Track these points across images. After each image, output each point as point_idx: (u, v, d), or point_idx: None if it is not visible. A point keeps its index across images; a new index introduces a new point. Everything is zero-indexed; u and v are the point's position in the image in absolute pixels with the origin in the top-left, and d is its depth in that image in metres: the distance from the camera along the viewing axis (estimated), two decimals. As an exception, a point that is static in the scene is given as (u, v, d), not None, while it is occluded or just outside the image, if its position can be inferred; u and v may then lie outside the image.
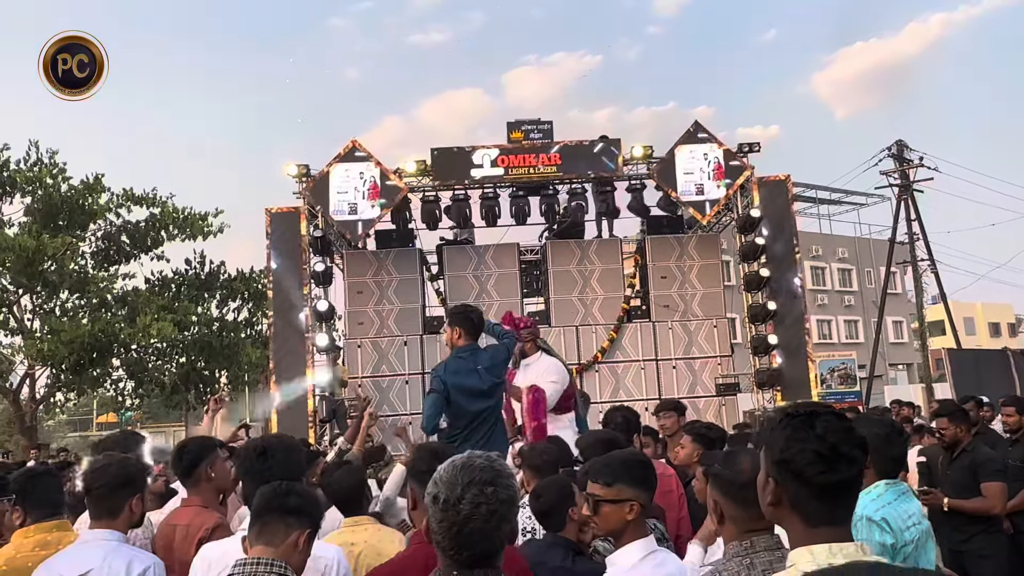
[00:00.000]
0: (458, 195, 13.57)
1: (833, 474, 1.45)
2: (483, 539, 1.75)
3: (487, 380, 4.92)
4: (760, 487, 1.56)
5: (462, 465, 1.81)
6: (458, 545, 1.76)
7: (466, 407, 4.88)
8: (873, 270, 39.79)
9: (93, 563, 2.57)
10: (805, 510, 1.47)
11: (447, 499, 1.76)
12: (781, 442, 1.49)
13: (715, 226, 14.54)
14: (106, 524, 2.71)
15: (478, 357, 4.97)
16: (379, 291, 13.74)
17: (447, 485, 1.78)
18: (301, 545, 2.25)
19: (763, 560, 2.03)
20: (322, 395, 12.78)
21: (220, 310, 21.44)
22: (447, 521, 1.75)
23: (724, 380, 13.51)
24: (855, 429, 1.51)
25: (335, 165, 13.10)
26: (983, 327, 46.74)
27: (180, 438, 24.46)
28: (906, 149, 23.72)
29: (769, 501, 1.51)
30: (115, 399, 22.72)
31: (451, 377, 4.91)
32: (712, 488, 2.18)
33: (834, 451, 1.46)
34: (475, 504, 1.74)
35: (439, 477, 1.82)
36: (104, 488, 2.70)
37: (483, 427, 4.88)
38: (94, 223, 19.47)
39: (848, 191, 36.72)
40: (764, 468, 1.55)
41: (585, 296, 13.91)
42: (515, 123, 13.74)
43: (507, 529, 1.79)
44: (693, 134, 13.55)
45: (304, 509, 2.31)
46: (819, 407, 1.54)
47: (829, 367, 24.20)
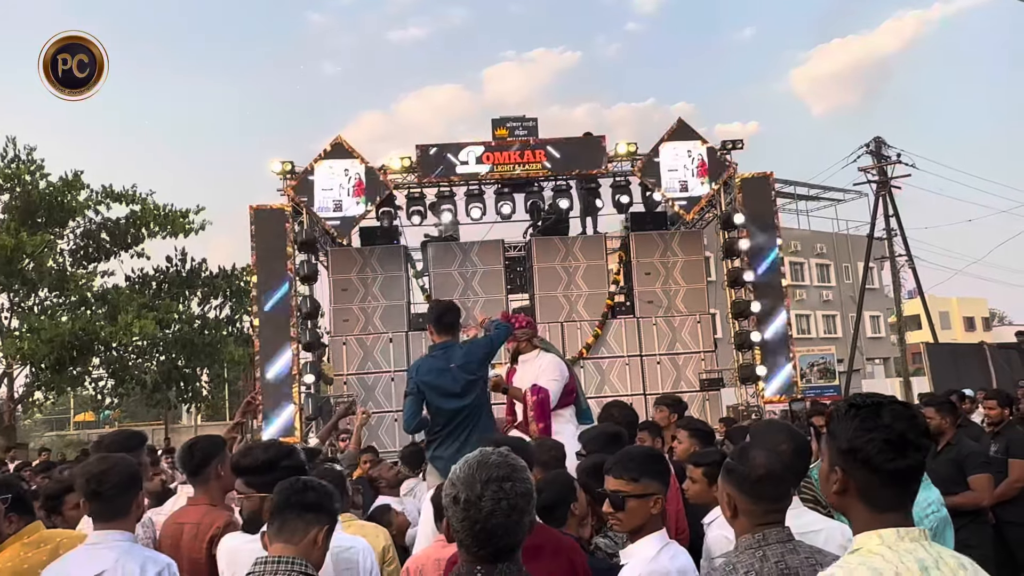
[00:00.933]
0: (443, 192, 13.58)
1: (902, 460, 1.52)
2: (506, 533, 1.79)
3: (460, 378, 4.81)
4: (823, 477, 1.62)
5: (477, 463, 1.84)
6: (481, 541, 1.79)
7: (441, 406, 4.83)
8: (851, 266, 40.21)
9: (106, 564, 2.56)
10: (873, 497, 1.54)
11: (467, 498, 1.79)
12: (850, 432, 1.55)
13: (698, 223, 14.64)
14: (115, 525, 2.69)
15: (451, 354, 4.88)
16: (364, 288, 13.72)
17: (465, 484, 1.81)
18: (320, 541, 2.27)
19: (775, 552, 2.08)
20: (307, 393, 12.75)
21: (202, 308, 21.30)
22: (469, 519, 1.79)
23: (708, 375, 13.63)
24: (919, 417, 1.58)
25: (320, 162, 13.06)
26: (958, 321, 47.38)
27: (160, 436, 24.27)
28: (884, 146, 24.03)
29: (835, 490, 1.57)
30: (94, 398, 22.50)
31: (423, 376, 4.89)
32: (725, 482, 2.23)
33: (902, 439, 1.53)
34: (496, 500, 1.78)
35: (456, 477, 1.85)
36: (115, 489, 2.68)
37: (463, 426, 4.79)
38: (73, 220, 19.28)
39: (827, 187, 37.05)
40: (827, 458, 1.61)
41: (570, 292, 13.97)
42: (500, 120, 13.76)
43: (527, 521, 1.82)
44: (678, 131, 13.65)
45: (323, 505, 2.32)
46: (883, 398, 1.61)
47: (808, 362, 24.55)
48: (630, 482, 2.56)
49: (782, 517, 2.15)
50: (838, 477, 1.57)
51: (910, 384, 23.81)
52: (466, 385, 4.82)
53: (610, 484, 2.60)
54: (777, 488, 2.17)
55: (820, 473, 1.64)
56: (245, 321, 20.58)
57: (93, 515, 2.75)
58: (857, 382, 28.62)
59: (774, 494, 2.13)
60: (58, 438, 35.69)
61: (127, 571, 2.57)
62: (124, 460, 2.84)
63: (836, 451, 1.58)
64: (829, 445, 1.61)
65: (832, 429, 1.61)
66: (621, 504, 2.55)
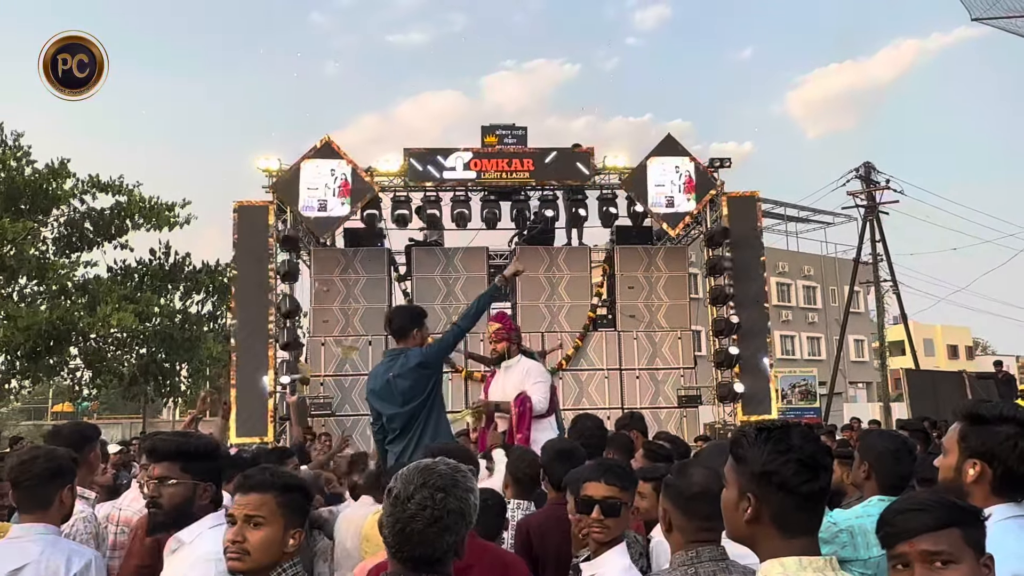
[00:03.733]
0: (429, 196, 13.54)
1: (815, 482, 1.50)
2: (422, 542, 1.75)
3: (396, 387, 4.78)
4: (731, 506, 1.56)
5: (424, 467, 1.83)
6: (399, 543, 1.77)
7: (382, 412, 4.87)
8: (837, 288, 40.34)
9: (30, 558, 2.49)
10: (785, 522, 1.50)
11: (398, 495, 1.78)
12: (764, 456, 1.51)
13: (684, 238, 14.66)
14: (38, 517, 2.62)
15: (395, 363, 4.86)
16: (346, 289, 13.66)
17: (403, 481, 1.80)
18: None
19: (707, 570, 2.05)
20: (282, 392, 12.66)
21: (183, 302, 21.08)
22: (393, 516, 1.77)
23: (686, 392, 13.61)
24: (820, 439, 1.57)
25: (306, 161, 13.01)
26: (942, 349, 47.60)
27: (138, 430, 24.06)
28: (873, 171, 24.13)
29: (747, 519, 1.52)
30: (71, 388, 22.26)
31: (369, 382, 5.00)
32: (663, 496, 2.20)
33: (813, 460, 1.51)
34: (422, 506, 1.75)
35: (400, 473, 1.84)
36: (36, 480, 2.62)
37: (407, 430, 4.76)
38: (57, 209, 19.05)
39: (816, 210, 37.23)
40: (736, 486, 1.55)
41: (552, 303, 13.94)
42: (489, 127, 13.75)
43: (451, 540, 1.78)
44: (665, 147, 13.68)
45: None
46: (789, 421, 1.60)
47: (790, 383, 24.60)
48: (623, 491, 2.55)
49: (717, 536, 2.11)
50: (750, 504, 1.51)
51: (890, 409, 23.85)
52: (403, 395, 4.78)
53: (600, 491, 2.55)
54: (711, 506, 2.12)
55: (725, 503, 1.58)
56: (227, 317, 20.41)
57: (18, 505, 2.69)
58: (839, 405, 28.66)
59: (708, 512, 2.09)
60: (35, 428, 35.37)
61: (52, 564, 2.50)
62: (51, 452, 2.76)
63: (748, 476, 1.53)
64: (736, 472, 1.56)
65: (741, 455, 1.55)
66: (617, 511, 2.52)
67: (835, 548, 2.67)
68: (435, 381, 4.96)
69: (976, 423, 2.00)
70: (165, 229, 19.55)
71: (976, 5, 13.59)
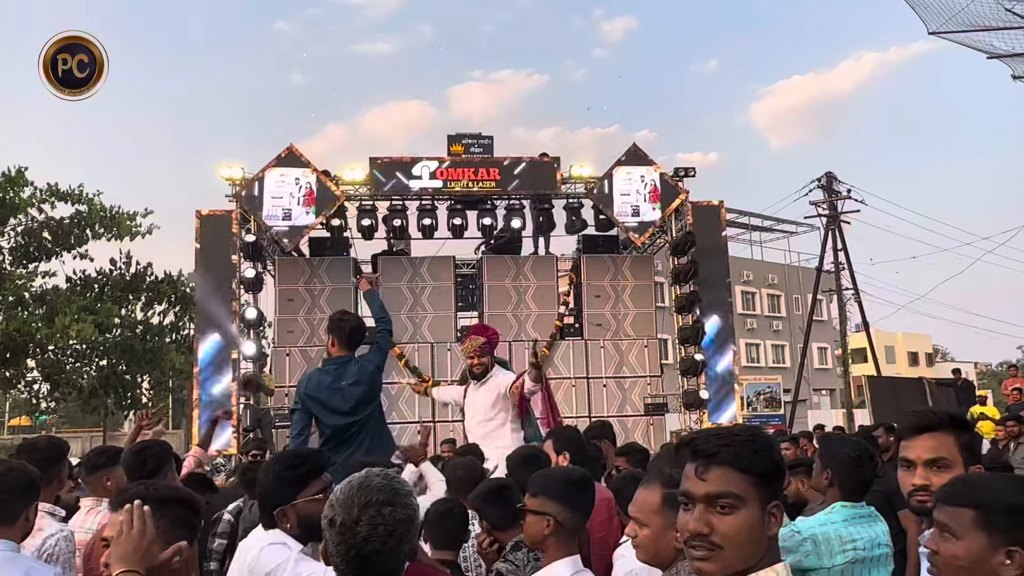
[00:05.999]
0: (395, 206, 13.48)
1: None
2: (382, 560, 1.71)
3: (351, 396, 4.74)
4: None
5: (359, 485, 1.77)
6: (356, 568, 1.72)
7: (327, 422, 4.77)
8: (801, 297, 40.89)
9: (-16, 574, 2.43)
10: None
11: (343, 521, 1.72)
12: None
13: (649, 247, 14.74)
14: (1, 534, 2.56)
15: (345, 371, 4.80)
16: (311, 299, 13.51)
17: (343, 507, 1.74)
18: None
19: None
20: (247, 403, 12.48)
21: (145, 313, 20.78)
22: (344, 544, 1.71)
23: (653, 400, 13.66)
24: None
25: (270, 169, 12.88)
26: (903, 356, 48.40)
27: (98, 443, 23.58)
28: (835, 181, 24.53)
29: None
30: (29, 402, 21.79)
31: (310, 392, 4.82)
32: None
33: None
34: (372, 526, 1.70)
35: (335, 499, 1.78)
36: (4, 495, 2.56)
37: (351, 440, 4.72)
38: (14, 218, 18.67)
39: (779, 219, 37.74)
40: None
41: (519, 312, 13.93)
42: (455, 136, 13.73)
43: (407, 549, 1.75)
44: (631, 156, 13.76)
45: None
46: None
47: (755, 390, 24.85)
48: (530, 497, 2.56)
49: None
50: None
51: (852, 416, 24.18)
52: (357, 402, 4.76)
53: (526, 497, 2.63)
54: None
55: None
56: (189, 328, 20.12)
57: None
58: (803, 412, 29.00)
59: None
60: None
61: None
62: (21, 468, 2.71)
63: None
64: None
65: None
66: (522, 516, 2.56)
67: (799, 557, 2.67)
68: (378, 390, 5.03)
69: None
70: (126, 239, 19.26)
71: (933, 19, 13.85)
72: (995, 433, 9.90)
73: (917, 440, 2.10)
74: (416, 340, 13.46)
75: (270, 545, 2.38)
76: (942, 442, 2.07)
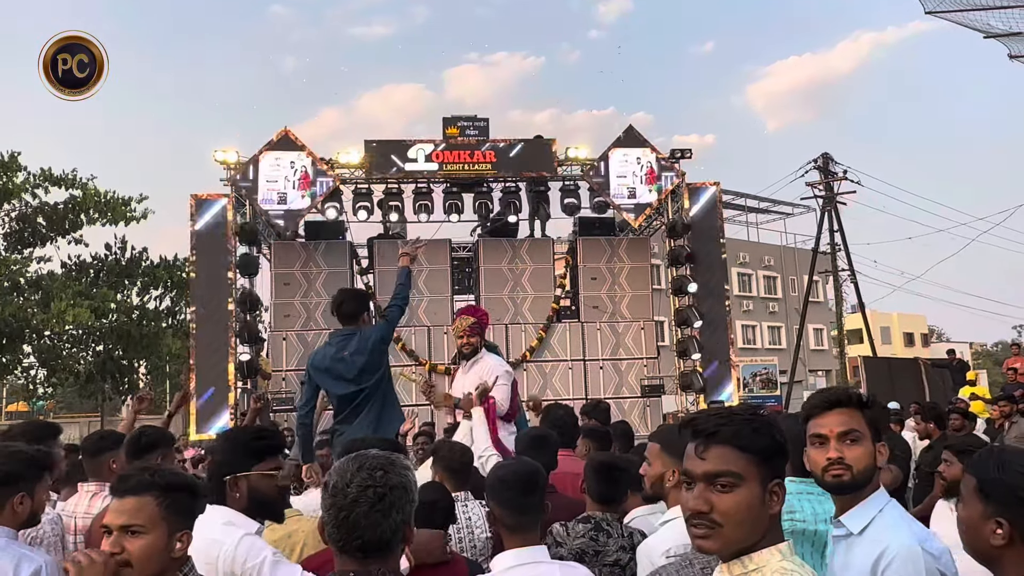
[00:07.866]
0: (391, 189, 13.44)
1: None
2: (370, 525, 1.70)
3: (354, 364, 4.89)
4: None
5: (356, 455, 1.80)
6: (345, 533, 1.71)
7: (333, 391, 4.94)
8: (797, 278, 40.89)
9: (-27, 561, 2.42)
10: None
11: (336, 484, 1.74)
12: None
13: (646, 230, 14.73)
14: None
15: (348, 342, 4.96)
16: (307, 283, 13.50)
17: (338, 471, 1.77)
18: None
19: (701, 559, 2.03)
20: (244, 388, 12.50)
21: (141, 298, 20.72)
22: (335, 507, 1.72)
23: (649, 382, 13.69)
24: None
25: (265, 153, 12.82)
26: (898, 336, 48.52)
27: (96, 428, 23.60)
28: (831, 162, 24.49)
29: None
30: (26, 387, 21.78)
31: (317, 363, 5.02)
32: None
33: None
34: (363, 488, 1.71)
35: (335, 466, 1.81)
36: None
37: (362, 406, 4.87)
38: (8, 203, 18.59)
39: (776, 200, 37.64)
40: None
41: (515, 295, 13.93)
42: (451, 119, 13.67)
43: (398, 519, 1.73)
44: (627, 138, 13.72)
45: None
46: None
47: (752, 371, 24.93)
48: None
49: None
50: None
51: (849, 396, 24.25)
52: (360, 371, 4.88)
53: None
54: None
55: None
56: (185, 313, 20.10)
57: None
58: (799, 393, 29.08)
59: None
60: (-12, 428, 34.57)
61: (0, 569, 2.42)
62: (10, 454, 2.67)
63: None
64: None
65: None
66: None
67: None
68: (387, 357, 5.15)
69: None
70: (121, 224, 19.18)
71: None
72: (988, 413, 9.95)
73: (828, 416, 2.14)
74: (412, 324, 13.46)
75: (245, 536, 2.34)
76: (852, 416, 2.13)
